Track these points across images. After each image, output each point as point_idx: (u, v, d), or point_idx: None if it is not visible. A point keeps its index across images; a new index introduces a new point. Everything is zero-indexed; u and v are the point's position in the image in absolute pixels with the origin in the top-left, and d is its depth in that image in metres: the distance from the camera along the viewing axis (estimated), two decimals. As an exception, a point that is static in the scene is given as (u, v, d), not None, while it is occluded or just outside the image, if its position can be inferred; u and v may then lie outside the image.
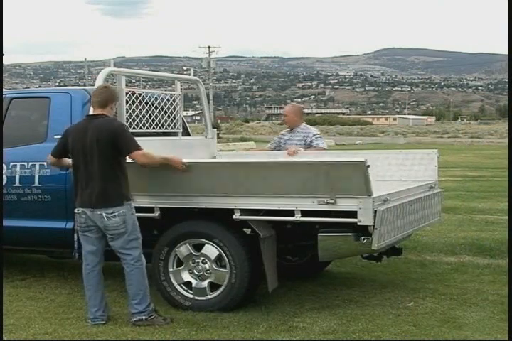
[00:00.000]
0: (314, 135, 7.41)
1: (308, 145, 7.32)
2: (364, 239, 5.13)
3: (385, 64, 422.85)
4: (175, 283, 5.72)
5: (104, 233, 5.23)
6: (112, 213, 5.12)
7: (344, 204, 5.12)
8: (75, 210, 5.32)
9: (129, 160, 5.24)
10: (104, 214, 5.12)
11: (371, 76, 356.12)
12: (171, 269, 5.73)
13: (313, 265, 6.60)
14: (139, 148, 5.14)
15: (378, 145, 45.76)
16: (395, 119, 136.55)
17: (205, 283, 5.65)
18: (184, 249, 5.68)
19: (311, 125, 8.14)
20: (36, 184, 6.28)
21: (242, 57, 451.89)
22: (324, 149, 7.39)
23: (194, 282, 5.68)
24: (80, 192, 5.23)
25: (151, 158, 5.21)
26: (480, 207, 11.98)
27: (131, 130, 6.41)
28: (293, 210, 5.26)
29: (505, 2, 5.97)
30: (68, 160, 5.44)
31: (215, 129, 7.94)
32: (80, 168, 5.21)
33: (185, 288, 5.72)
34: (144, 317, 5.20)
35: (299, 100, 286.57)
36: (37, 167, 6.29)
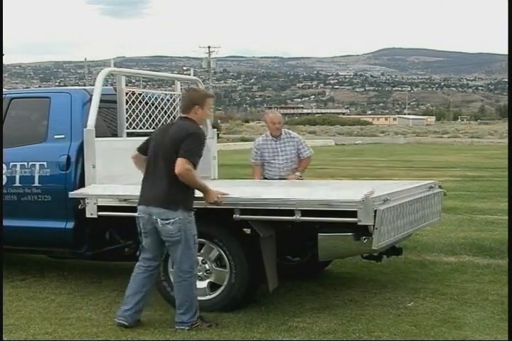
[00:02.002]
0: (301, 143, 7.66)
1: (298, 154, 7.57)
2: (364, 239, 5.13)
3: (385, 64, 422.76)
4: (175, 283, 5.71)
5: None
6: (167, 220, 4.97)
7: (344, 204, 5.12)
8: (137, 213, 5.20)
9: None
10: (159, 219, 5.00)
11: (371, 76, 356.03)
12: (171, 269, 5.72)
13: (313, 265, 6.60)
14: (190, 158, 4.91)
15: (378, 145, 45.77)
16: (395, 119, 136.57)
17: (205, 283, 5.65)
18: (184, 249, 5.67)
19: (311, 125, 8.16)
20: (36, 184, 6.28)
21: (242, 57, 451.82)
22: (310, 157, 7.72)
23: (194, 282, 5.68)
24: (145, 190, 5.15)
25: (192, 175, 4.94)
26: (480, 207, 11.98)
27: (130, 130, 6.44)
28: (293, 210, 5.26)
29: (505, 2, 5.97)
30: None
31: (215, 129, 7.94)
32: (148, 168, 5.16)
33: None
34: (186, 328, 5.07)
35: (299, 100, 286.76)
36: (37, 167, 6.29)
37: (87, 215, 5.92)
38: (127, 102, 6.41)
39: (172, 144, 4.97)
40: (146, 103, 6.70)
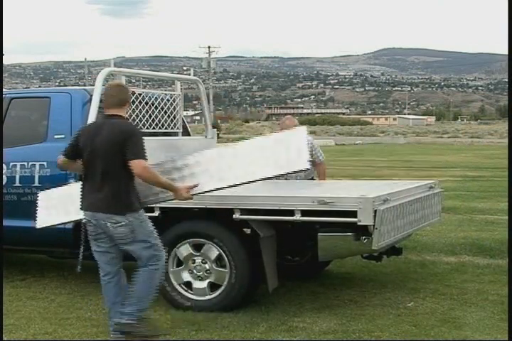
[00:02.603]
0: (315, 148, 7.54)
1: (312, 158, 7.37)
2: (364, 239, 5.13)
3: (385, 64, 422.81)
4: (175, 283, 5.72)
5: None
6: (117, 223, 4.71)
7: (344, 204, 5.13)
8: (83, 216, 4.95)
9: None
10: (108, 223, 4.73)
11: (371, 76, 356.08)
12: (170, 269, 5.73)
13: (313, 265, 6.60)
14: (143, 157, 4.68)
15: (378, 145, 45.77)
16: (395, 119, 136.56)
17: (205, 283, 5.65)
18: (184, 249, 5.68)
19: (312, 125, 8.12)
20: (36, 184, 6.28)
21: (242, 57, 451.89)
22: (323, 163, 7.67)
23: (194, 282, 5.69)
24: (87, 196, 4.83)
25: (154, 173, 4.71)
26: (480, 207, 11.98)
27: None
28: (293, 210, 5.26)
29: (505, 2, 5.98)
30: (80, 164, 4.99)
31: (215, 129, 7.93)
32: (87, 172, 4.82)
33: (185, 288, 5.72)
34: (122, 321, 4.78)
35: (299, 100, 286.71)
36: (37, 167, 6.30)
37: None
38: (127, 102, 6.40)
39: (112, 146, 4.66)
40: (146, 103, 6.69)
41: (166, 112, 6.94)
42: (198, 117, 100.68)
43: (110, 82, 5.36)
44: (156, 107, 6.80)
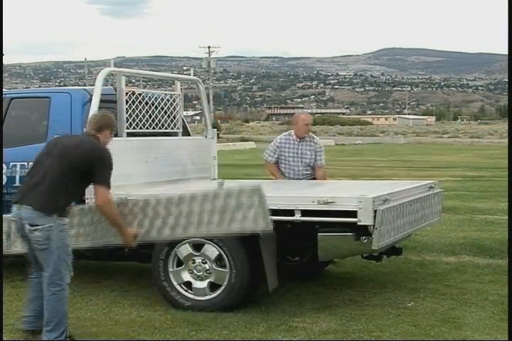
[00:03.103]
0: (320, 150, 7.42)
1: (313, 160, 7.36)
2: (364, 239, 5.13)
3: (385, 64, 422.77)
4: (175, 283, 5.72)
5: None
6: (36, 226, 4.60)
7: (344, 204, 5.13)
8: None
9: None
10: (27, 225, 4.63)
11: (371, 76, 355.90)
12: (171, 269, 5.73)
13: (313, 265, 6.60)
14: (108, 186, 4.74)
15: (378, 145, 45.77)
16: (395, 119, 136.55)
17: (205, 283, 5.65)
18: (184, 249, 5.68)
19: (312, 125, 8.08)
20: (36, 184, 6.27)
21: (242, 57, 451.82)
22: (324, 166, 7.51)
23: (194, 282, 5.68)
24: (24, 188, 4.82)
25: (114, 209, 4.83)
26: (480, 207, 11.98)
27: (130, 130, 6.44)
28: (293, 210, 5.26)
29: (505, 2, 5.98)
30: None
31: (215, 129, 7.93)
32: (37, 166, 4.81)
33: (185, 288, 5.72)
34: None
35: (299, 100, 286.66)
36: (37, 167, 6.28)
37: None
38: (127, 102, 6.41)
39: (83, 159, 4.70)
40: (146, 103, 6.69)
41: (166, 112, 6.94)
42: (198, 117, 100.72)
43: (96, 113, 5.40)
44: (156, 107, 6.80)
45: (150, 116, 6.72)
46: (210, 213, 4.99)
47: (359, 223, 5.08)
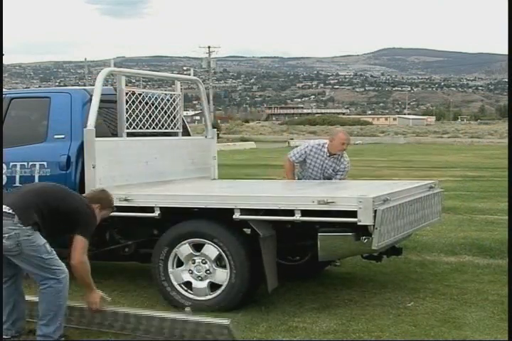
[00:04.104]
0: (342, 171, 7.35)
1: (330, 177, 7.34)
2: (364, 239, 5.13)
3: (385, 64, 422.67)
4: (175, 283, 5.72)
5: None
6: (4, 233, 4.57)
7: (344, 204, 5.13)
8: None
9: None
10: None
11: (371, 76, 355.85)
12: (171, 269, 5.73)
13: (313, 265, 6.60)
14: (88, 238, 4.75)
15: (378, 145, 45.78)
16: (395, 119, 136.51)
17: (205, 283, 5.65)
18: (184, 249, 5.68)
19: (311, 125, 8.10)
20: (36, 184, 6.27)
21: (242, 57, 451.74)
22: None
23: (194, 282, 5.68)
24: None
25: (86, 271, 4.81)
26: (480, 207, 11.97)
27: (130, 130, 6.44)
28: (293, 210, 5.26)
29: (505, 2, 5.97)
30: None
31: (215, 129, 7.93)
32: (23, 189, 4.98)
33: (185, 288, 5.72)
34: None
35: (299, 100, 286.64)
36: (37, 167, 6.29)
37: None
38: (127, 102, 6.41)
39: (70, 203, 4.78)
40: (146, 103, 6.69)
41: (166, 112, 6.94)
42: (198, 117, 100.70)
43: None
44: (156, 107, 6.80)
45: (150, 116, 6.72)
46: None
47: (359, 223, 5.08)
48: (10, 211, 4.61)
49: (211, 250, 5.59)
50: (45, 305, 4.71)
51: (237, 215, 5.39)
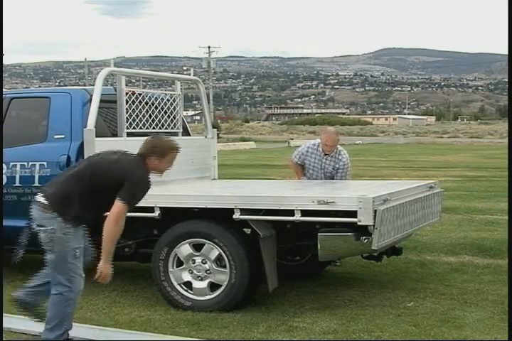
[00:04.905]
0: (342, 169, 7.36)
1: (332, 176, 7.35)
2: (364, 239, 5.13)
3: (385, 64, 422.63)
4: (175, 283, 5.72)
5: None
6: (42, 227, 4.57)
7: (344, 204, 5.13)
8: None
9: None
10: (35, 225, 4.63)
11: (371, 76, 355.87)
12: (171, 269, 5.73)
13: (313, 265, 6.60)
14: (129, 203, 4.50)
15: (378, 145, 45.79)
16: (395, 119, 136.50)
17: (205, 283, 5.65)
18: (184, 249, 5.68)
19: (311, 125, 8.11)
20: (36, 184, 6.28)
21: (242, 57, 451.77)
22: None
23: (194, 282, 5.68)
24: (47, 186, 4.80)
25: (115, 230, 4.54)
26: (480, 207, 11.97)
27: (130, 130, 6.44)
28: (293, 210, 5.26)
29: (505, 2, 5.98)
30: None
31: (215, 129, 7.94)
32: (70, 171, 4.76)
33: (185, 288, 5.72)
34: None
35: (299, 100, 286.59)
36: (37, 167, 6.29)
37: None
38: (127, 102, 6.41)
39: (118, 174, 4.53)
40: (146, 103, 6.70)
41: (166, 112, 6.94)
42: (198, 117, 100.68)
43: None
44: (156, 107, 6.80)
45: (150, 116, 6.72)
46: None
47: (359, 223, 5.08)
48: (47, 203, 4.52)
49: (211, 250, 5.59)
50: (53, 311, 4.64)
51: (237, 215, 5.39)
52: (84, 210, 4.57)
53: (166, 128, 6.93)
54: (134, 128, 6.49)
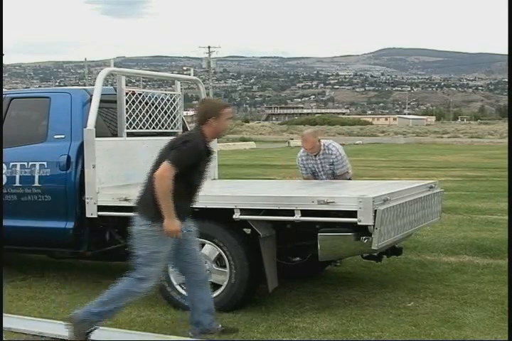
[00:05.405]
0: (337, 160, 7.37)
1: (333, 171, 7.38)
2: (364, 239, 5.13)
3: (385, 64, 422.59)
4: (175, 283, 5.71)
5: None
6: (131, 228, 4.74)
7: (344, 204, 5.13)
8: None
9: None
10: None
11: (371, 76, 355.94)
12: (171, 269, 5.72)
13: (313, 265, 6.60)
14: (173, 164, 4.51)
15: (378, 145, 45.78)
16: (395, 119, 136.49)
17: (205, 283, 5.64)
18: (184, 249, 5.67)
19: (311, 125, 8.12)
20: (36, 184, 6.28)
21: (242, 57, 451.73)
22: (347, 173, 7.48)
23: (194, 282, 5.67)
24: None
25: (165, 184, 4.49)
26: (480, 207, 11.97)
27: (130, 130, 6.44)
28: (293, 210, 5.26)
29: (505, 2, 5.98)
30: None
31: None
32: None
33: (185, 288, 5.71)
34: (87, 319, 4.67)
35: (299, 100, 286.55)
36: (37, 167, 6.29)
37: (87, 215, 5.93)
38: (127, 102, 6.41)
39: (165, 150, 4.70)
40: (146, 103, 6.69)
41: (166, 112, 6.93)
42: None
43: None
44: (156, 107, 6.80)
45: (150, 116, 6.72)
46: None
47: (359, 223, 5.08)
48: (135, 206, 4.74)
49: (211, 250, 5.59)
50: (109, 294, 4.74)
51: (237, 215, 5.39)
52: (177, 202, 4.59)
53: (166, 128, 6.93)
54: (134, 128, 6.48)
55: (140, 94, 6.62)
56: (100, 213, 5.90)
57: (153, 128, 6.74)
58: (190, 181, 4.70)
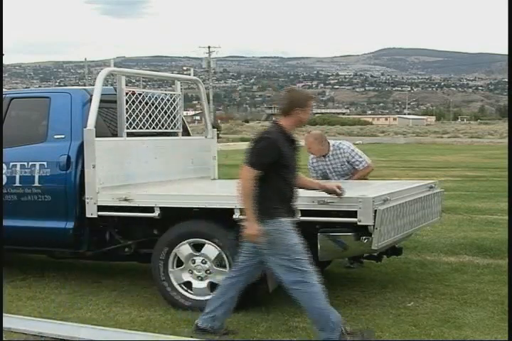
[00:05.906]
0: (352, 156, 7.23)
1: (352, 166, 7.26)
2: (364, 239, 5.13)
3: (385, 64, 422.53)
4: (175, 283, 5.72)
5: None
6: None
7: (344, 204, 5.12)
8: None
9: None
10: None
11: (371, 76, 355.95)
12: (171, 269, 5.72)
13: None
14: (250, 164, 4.57)
15: (378, 145, 45.76)
16: (395, 119, 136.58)
17: (205, 283, 5.65)
18: (184, 249, 5.68)
19: (312, 125, 8.10)
20: (36, 184, 6.28)
21: (242, 57, 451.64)
22: (369, 167, 7.32)
23: (194, 282, 5.68)
24: None
25: (246, 188, 4.50)
26: (480, 207, 11.98)
27: (130, 130, 6.44)
28: (293, 210, 5.25)
29: (505, 2, 5.98)
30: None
31: (215, 129, 7.93)
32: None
33: (185, 288, 5.72)
34: None
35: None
36: (37, 167, 6.29)
37: (87, 215, 5.93)
38: (127, 102, 6.41)
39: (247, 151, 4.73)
40: (146, 103, 6.69)
41: (166, 112, 6.93)
42: (198, 117, 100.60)
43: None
44: (156, 107, 6.80)
45: (150, 116, 6.72)
46: None
47: (359, 223, 5.08)
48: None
49: (211, 250, 5.58)
50: (307, 310, 4.68)
51: (237, 215, 5.38)
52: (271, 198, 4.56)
53: (166, 128, 6.93)
54: (134, 128, 6.48)
55: (140, 94, 6.62)
56: (100, 213, 5.90)
57: (153, 128, 6.74)
58: (284, 179, 4.63)
